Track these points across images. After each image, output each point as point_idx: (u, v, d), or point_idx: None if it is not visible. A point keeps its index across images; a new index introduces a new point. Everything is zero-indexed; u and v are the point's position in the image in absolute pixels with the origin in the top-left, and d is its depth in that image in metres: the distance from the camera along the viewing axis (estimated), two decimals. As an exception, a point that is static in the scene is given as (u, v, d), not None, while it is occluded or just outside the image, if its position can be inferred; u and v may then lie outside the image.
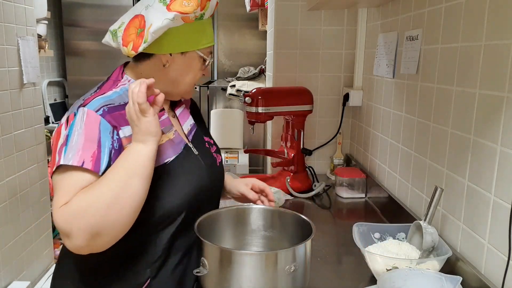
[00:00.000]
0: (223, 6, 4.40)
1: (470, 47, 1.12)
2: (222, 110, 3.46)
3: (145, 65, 1.09)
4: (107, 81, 1.10)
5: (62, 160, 0.91)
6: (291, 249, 0.94)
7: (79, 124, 0.95)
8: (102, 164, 0.93)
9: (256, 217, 1.17)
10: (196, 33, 1.06)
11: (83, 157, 0.92)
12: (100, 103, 0.99)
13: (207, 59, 1.11)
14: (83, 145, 0.93)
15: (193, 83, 1.12)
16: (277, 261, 0.92)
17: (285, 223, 1.14)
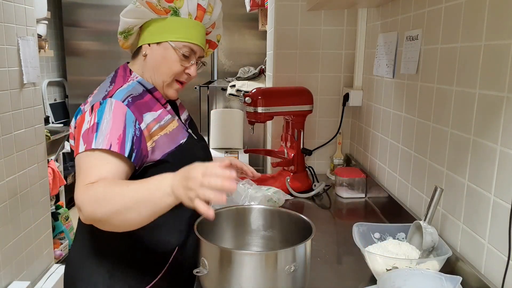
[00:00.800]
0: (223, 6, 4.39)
1: (470, 47, 1.12)
2: (222, 110, 3.46)
3: (138, 59, 1.24)
4: (116, 77, 1.22)
5: (94, 145, 1.02)
6: (291, 249, 0.93)
7: (108, 112, 1.07)
8: (127, 148, 1.04)
9: (256, 217, 1.18)
10: (171, 27, 1.18)
11: (110, 140, 1.03)
12: (125, 94, 1.12)
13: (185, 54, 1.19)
14: (111, 131, 1.04)
15: (170, 75, 1.20)
16: (277, 261, 0.92)
17: (285, 223, 1.15)
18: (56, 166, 3.17)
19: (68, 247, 3.15)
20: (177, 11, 1.18)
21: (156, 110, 1.17)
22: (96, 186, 0.96)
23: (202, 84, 3.62)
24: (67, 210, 3.28)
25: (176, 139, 1.18)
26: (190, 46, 1.20)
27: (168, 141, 1.15)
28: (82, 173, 1.01)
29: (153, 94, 1.21)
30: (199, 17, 1.21)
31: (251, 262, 0.92)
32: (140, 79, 1.21)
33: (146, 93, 1.19)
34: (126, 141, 1.04)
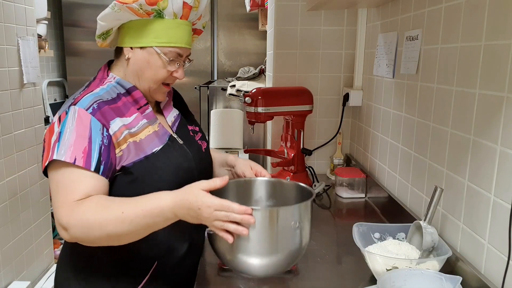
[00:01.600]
0: (223, 6, 4.39)
1: (470, 47, 1.12)
2: (222, 110, 3.45)
3: (120, 60, 1.17)
4: (94, 81, 1.17)
5: (55, 156, 0.98)
6: (296, 206, 0.99)
7: (70, 121, 1.02)
8: (93, 161, 1.00)
9: (258, 188, 1.20)
10: (155, 30, 1.10)
11: (75, 154, 0.99)
12: (90, 100, 1.06)
13: (169, 59, 1.12)
14: (75, 141, 1.00)
15: (156, 80, 1.14)
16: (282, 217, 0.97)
17: (286, 192, 1.18)
18: (56, 166, 3.16)
19: (68, 247, 3.14)
20: (161, 12, 1.09)
21: (129, 116, 1.10)
22: (85, 208, 0.96)
23: (202, 84, 3.62)
24: (67, 210, 3.28)
25: (147, 148, 1.09)
26: (176, 51, 1.13)
27: (135, 150, 1.08)
28: (62, 189, 0.99)
29: (131, 94, 1.14)
30: (185, 15, 1.13)
31: (260, 218, 0.95)
32: (119, 79, 1.15)
33: (121, 97, 1.12)
34: (93, 152, 1.00)
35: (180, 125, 1.25)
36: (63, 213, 0.97)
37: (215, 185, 0.96)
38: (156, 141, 1.12)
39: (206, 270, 1.22)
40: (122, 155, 1.06)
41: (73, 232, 0.96)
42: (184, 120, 1.29)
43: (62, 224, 0.97)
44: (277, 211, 0.98)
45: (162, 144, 1.12)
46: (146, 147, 1.09)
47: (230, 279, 1.18)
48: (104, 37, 1.16)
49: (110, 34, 1.16)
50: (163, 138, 1.14)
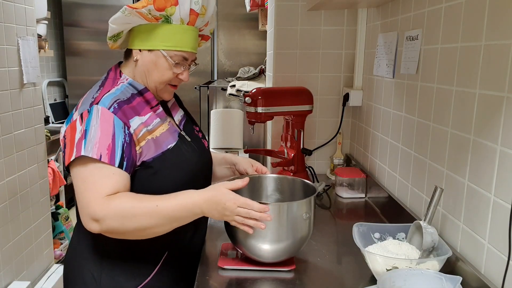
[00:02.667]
0: (223, 6, 4.39)
1: (470, 47, 1.12)
2: (222, 110, 3.46)
3: (129, 61, 1.23)
4: (106, 80, 1.22)
5: (83, 152, 1.05)
6: (307, 199, 1.19)
7: (95, 120, 1.08)
8: (117, 157, 1.07)
9: (268, 183, 1.38)
10: (162, 35, 1.17)
11: (100, 150, 1.05)
12: (110, 100, 1.12)
13: (176, 61, 1.19)
14: (100, 138, 1.06)
15: (162, 81, 1.21)
16: (296, 209, 1.16)
17: (292, 187, 1.36)
18: (56, 166, 3.17)
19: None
20: (169, 18, 1.15)
21: (144, 115, 1.17)
22: (121, 201, 1.04)
23: (202, 84, 3.62)
24: (67, 210, 3.28)
25: (163, 144, 1.17)
26: (182, 54, 1.19)
27: (154, 146, 1.15)
28: (91, 184, 1.05)
29: (143, 96, 1.20)
30: (191, 21, 1.19)
31: (278, 210, 1.14)
32: (131, 81, 1.21)
33: (135, 97, 1.18)
34: (116, 150, 1.07)
35: (186, 124, 1.34)
36: (97, 206, 1.03)
37: (237, 185, 1.11)
38: (170, 138, 1.20)
39: (206, 270, 1.22)
40: (142, 151, 1.13)
41: (107, 223, 1.03)
42: (189, 120, 1.38)
43: (95, 217, 1.03)
44: (292, 205, 1.16)
45: (175, 141, 1.20)
46: (163, 144, 1.17)
47: (230, 279, 1.18)
48: (115, 39, 1.22)
49: (120, 37, 1.22)
50: (174, 135, 1.22)
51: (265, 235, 1.15)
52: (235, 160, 1.43)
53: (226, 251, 1.30)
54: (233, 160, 1.44)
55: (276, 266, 1.21)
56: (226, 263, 1.23)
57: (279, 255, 1.20)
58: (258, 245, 1.17)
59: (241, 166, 1.40)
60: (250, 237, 1.16)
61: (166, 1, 1.12)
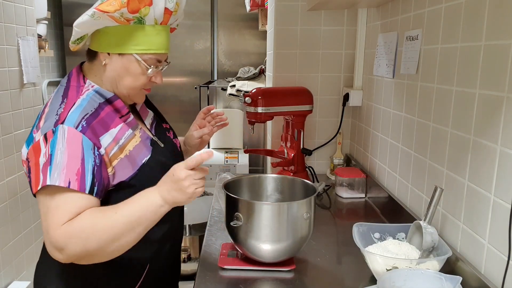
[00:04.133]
0: (223, 6, 4.39)
1: (470, 47, 1.12)
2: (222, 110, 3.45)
3: (94, 64, 1.12)
4: (69, 90, 1.09)
5: (49, 181, 0.95)
6: (307, 199, 1.19)
7: (61, 142, 0.97)
8: (87, 183, 0.97)
9: (268, 183, 1.39)
10: (134, 37, 1.06)
11: (68, 177, 0.95)
12: (78, 117, 1.01)
13: (149, 66, 1.09)
14: (67, 164, 0.96)
15: (135, 87, 1.12)
16: (297, 209, 1.17)
17: (292, 186, 1.37)
18: (56, 166, 3.16)
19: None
20: (142, 19, 1.06)
21: (115, 126, 1.07)
22: (80, 221, 0.95)
23: (202, 84, 3.62)
24: (67, 210, 3.28)
25: (137, 159, 1.09)
26: (156, 57, 1.11)
27: (128, 164, 1.07)
28: (52, 213, 0.96)
29: (112, 104, 1.10)
30: (165, 21, 1.10)
31: (278, 211, 1.16)
32: (97, 88, 1.10)
33: (103, 106, 1.08)
34: (86, 175, 0.98)
35: (157, 127, 1.27)
36: (57, 234, 0.94)
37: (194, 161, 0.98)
38: (144, 151, 1.12)
39: (206, 270, 1.23)
40: (115, 172, 1.05)
41: (70, 249, 0.94)
42: (159, 120, 1.31)
43: (56, 245, 0.94)
44: (292, 205, 1.17)
45: (149, 153, 1.13)
46: (137, 159, 1.09)
47: (230, 279, 1.18)
48: (78, 42, 1.13)
49: (84, 39, 1.13)
50: (147, 144, 1.14)
51: (265, 235, 1.15)
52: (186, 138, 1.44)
53: (226, 251, 1.30)
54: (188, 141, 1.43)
55: (276, 266, 1.21)
56: (226, 263, 1.23)
57: (279, 255, 1.20)
58: (258, 245, 1.17)
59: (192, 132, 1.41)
60: (250, 237, 1.17)
61: (140, 2, 1.03)
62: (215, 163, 2.98)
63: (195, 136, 1.40)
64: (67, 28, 4.42)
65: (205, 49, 4.43)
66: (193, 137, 1.41)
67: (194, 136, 1.41)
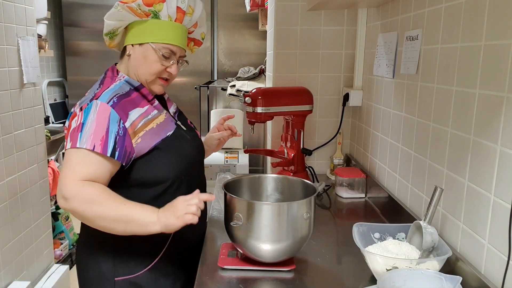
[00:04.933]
0: (223, 6, 4.39)
1: (470, 47, 1.12)
2: (222, 110, 3.45)
3: (123, 59, 1.33)
4: (105, 79, 1.31)
5: (78, 144, 1.13)
6: (307, 199, 1.20)
7: (92, 114, 1.17)
8: (109, 148, 1.15)
9: (268, 183, 1.39)
10: (151, 29, 1.26)
11: (94, 142, 1.13)
12: (110, 95, 1.21)
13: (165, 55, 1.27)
14: (94, 131, 1.14)
15: (151, 73, 1.29)
16: (297, 209, 1.17)
17: (292, 186, 1.37)
18: (56, 166, 3.17)
19: (68, 247, 3.14)
20: (157, 14, 1.25)
21: (143, 106, 1.26)
22: (93, 189, 1.11)
23: (202, 84, 3.62)
24: (67, 210, 3.28)
25: (162, 132, 1.27)
26: (170, 48, 1.28)
27: (154, 134, 1.25)
28: (71, 167, 1.13)
29: (140, 91, 1.29)
30: (179, 19, 1.28)
31: (278, 211, 1.16)
32: (127, 78, 1.30)
33: (133, 91, 1.28)
34: (109, 141, 1.15)
35: (179, 116, 1.46)
36: (69, 186, 1.10)
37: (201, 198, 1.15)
38: (168, 127, 1.30)
39: (206, 270, 1.23)
40: (140, 141, 1.21)
41: (72, 203, 1.10)
42: (182, 113, 1.50)
43: (64, 194, 1.10)
44: (292, 205, 1.17)
45: (173, 129, 1.31)
46: (161, 132, 1.27)
47: (230, 279, 1.18)
48: (111, 36, 1.31)
49: (116, 34, 1.32)
50: (172, 124, 1.32)
51: (265, 235, 1.16)
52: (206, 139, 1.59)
53: (226, 251, 1.30)
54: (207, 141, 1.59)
55: (276, 266, 1.21)
56: (226, 263, 1.23)
57: (279, 255, 1.20)
58: (258, 245, 1.17)
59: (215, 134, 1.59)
60: (250, 237, 1.17)
61: None
62: (215, 163, 2.97)
63: (215, 137, 1.59)
64: (67, 28, 4.43)
65: (205, 49, 4.43)
66: (213, 138, 1.60)
67: (214, 137, 1.59)
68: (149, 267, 1.29)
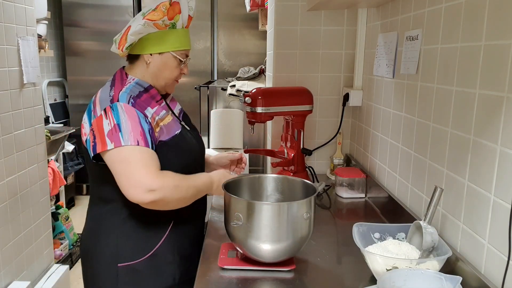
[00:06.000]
0: (223, 6, 4.39)
1: (470, 47, 1.12)
2: (222, 110, 3.45)
3: (136, 65, 1.41)
4: (115, 81, 1.38)
5: (123, 142, 1.22)
6: (307, 199, 1.20)
7: (122, 114, 1.25)
8: (149, 142, 1.26)
9: (268, 183, 1.40)
10: (170, 39, 1.37)
11: (136, 138, 1.23)
12: (126, 97, 1.29)
13: (182, 59, 1.40)
14: (132, 129, 1.23)
15: (172, 78, 1.42)
16: (297, 209, 1.17)
17: (292, 187, 1.38)
18: (56, 166, 3.17)
19: (69, 247, 3.15)
20: (175, 25, 1.37)
21: (152, 107, 1.34)
22: (169, 175, 1.24)
23: (202, 84, 3.62)
24: (67, 210, 3.28)
25: (171, 130, 1.36)
26: (186, 53, 1.42)
27: (165, 132, 1.34)
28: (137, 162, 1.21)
29: (149, 92, 1.38)
30: (188, 25, 1.42)
31: (278, 211, 1.16)
32: (138, 80, 1.38)
33: (143, 93, 1.36)
34: (147, 135, 1.25)
35: (184, 117, 1.54)
36: (153, 179, 1.19)
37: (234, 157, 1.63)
38: (175, 127, 1.38)
39: (206, 270, 1.23)
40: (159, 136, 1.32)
41: (162, 192, 1.19)
42: (186, 114, 1.57)
43: (151, 187, 1.18)
44: (292, 205, 1.17)
45: (179, 129, 1.39)
46: (171, 130, 1.36)
47: (230, 279, 1.18)
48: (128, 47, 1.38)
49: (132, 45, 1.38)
50: (178, 124, 1.41)
51: (265, 235, 1.16)
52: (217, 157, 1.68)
53: (226, 251, 1.30)
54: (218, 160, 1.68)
55: (276, 266, 1.21)
56: (226, 263, 1.23)
57: (279, 255, 1.20)
58: (258, 245, 1.17)
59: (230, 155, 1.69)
60: (250, 237, 1.17)
61: (174, 11, 1.34)
62: (215, 163, 2.97)
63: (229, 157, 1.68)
64: (67, 28, 4.43)
65: (205, 49, 4.43)
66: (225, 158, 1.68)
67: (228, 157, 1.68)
68: (150, 254, 1.34)
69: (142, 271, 1.34)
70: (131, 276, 1.33)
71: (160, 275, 1.36)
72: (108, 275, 1.34)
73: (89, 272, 1.40)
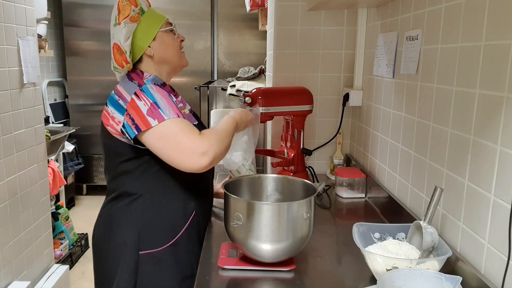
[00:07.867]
0: (223, 6, 4.39)
1: (470, 47, 1.12)
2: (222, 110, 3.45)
3: (144, 65, 1.45)
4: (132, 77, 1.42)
5: (165, 117, 1.26)
6: (307, 199, 1.20)
7: (154, 93, 1.30)
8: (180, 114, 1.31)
9: (268, 183, 1.41)
10: (149, 22, 1.42)
11: (175, 111, 1.29)
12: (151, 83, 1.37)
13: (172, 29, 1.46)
14: (168, 105, 1.29)
15: (178, 50, 1.48)
16: (297, 209, 1.18)
17: (292, 187, 1.38)
18: (56, 166, 3.17)
19: (68, 247, 3.15)
20: (142, 9, 1.42)
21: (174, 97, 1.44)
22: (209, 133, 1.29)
23: (202, 84, 3.62)
24: (67, 210, 3.28)
25: (191, 120, 1.43)
26: (167, 21, 1.46)
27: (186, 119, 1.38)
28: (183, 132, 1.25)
29: (164, 88, 1.43)
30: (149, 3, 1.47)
31: (278, 211, 1.17)
32: (154, 77, 1.44)
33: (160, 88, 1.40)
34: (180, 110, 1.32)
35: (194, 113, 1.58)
36: (200, 143, 1.23)
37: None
38: (192, 119, 1.46)
39: (206, 270, 1.23)
40: None
41: (214, 150, 1.24)
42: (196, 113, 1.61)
43: (202, 151, 1.22)
44: (292, 205, 1.17)
45: (195, 122, 1.47)
46: (190, 120, 1.41)
47: (230, 279, 1.18)
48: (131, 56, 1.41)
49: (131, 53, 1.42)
50: (193, 118, 1.49)
51: (265, 235, 1.16)
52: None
53: (226, 251, 1.30)
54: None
55: (276, 266, 1.22)
56: (226, 263, 1.23)
57: (279, 255, 1.20)
58: (258, 245, 1.17)
59: None
60: (250, 237, 1.17)
61: None
62: (215, 163, 2.97)
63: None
64: (67, 28, 4.43)
65: (205, 49, 4.43)
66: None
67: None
68: (172, 242, 1.37)
69: (163, 260, 1.36)
70: (152, 265, 1.36)
71: (179, 265, 1.39)
72: (128, 264, 1.36)
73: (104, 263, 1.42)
